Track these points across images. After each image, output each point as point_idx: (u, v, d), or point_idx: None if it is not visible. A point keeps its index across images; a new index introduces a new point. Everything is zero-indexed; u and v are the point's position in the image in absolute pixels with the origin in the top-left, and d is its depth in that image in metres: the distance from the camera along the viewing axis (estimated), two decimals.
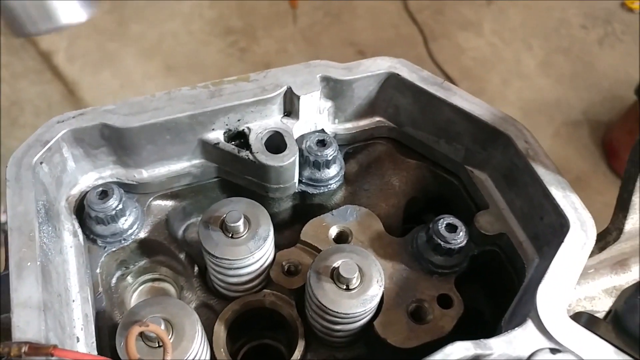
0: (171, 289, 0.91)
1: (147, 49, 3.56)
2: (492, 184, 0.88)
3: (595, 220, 0.76)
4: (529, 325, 0.66)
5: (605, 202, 0.98)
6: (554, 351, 0.59)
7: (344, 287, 0.76)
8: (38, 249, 0.69)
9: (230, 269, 0.80)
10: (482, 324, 0.91)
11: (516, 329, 0.66)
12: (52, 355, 0.60)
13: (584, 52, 3.34)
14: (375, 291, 0.76)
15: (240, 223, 0.79)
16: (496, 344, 0.65)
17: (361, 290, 0.76)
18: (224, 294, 0.87)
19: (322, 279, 0.77)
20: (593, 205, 0.78)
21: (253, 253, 0.79)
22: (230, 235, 0.79)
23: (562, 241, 0.73)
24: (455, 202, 0.94)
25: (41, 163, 0.77)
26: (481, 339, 0.65)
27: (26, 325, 0.63)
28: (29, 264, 0.68)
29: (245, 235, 0.80)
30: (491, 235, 0.85)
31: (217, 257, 0.79)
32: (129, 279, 0.89)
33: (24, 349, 0.60)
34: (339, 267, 0.76)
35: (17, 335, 0.63)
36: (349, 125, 0.94)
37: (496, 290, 0.89)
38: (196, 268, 0.88)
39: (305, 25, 3.73)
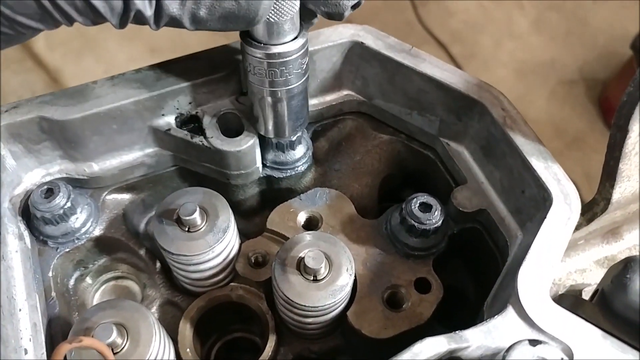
0: (135, 286, 0.86)
1: (128, 32, 3.44)
2: (470, 157, 0.82)
3: (593, 179, 0.69)
4: (510, 312, 0.61)
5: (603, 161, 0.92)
6: (533, 342, 0.53)
7: (312, 278, 0.71)
8: None
9: (189, 264, 0.75)
10: (467, 306, 0.85)
11: (495, 317, 0.61)
12: None
13: (578, 7, 3.22)
14: (345, 280, 0.71)
15: (196, 215, 0.73)
16: (473, 336, 0.59)
17: (330, 280, 0.71)
18: (190, 290, 0.81)
19: (287, 271, 0.71)
20: (590, 163, 0.72)
21: (212, 247, 0.73)
22: (186, 229, 0.74)
23: (545, 216, 0.67)
24: (432, 177, 0.87)
25: None
26: (456, 332, 0.59)
27: None
28: None
29: (202, 229, 0.74)
30: (470, 212, 0.79)
31: (174, 254, 0.73)
32: (88, 279, 0.84)
33: None
34: (304, 257, 0.70)
35: None
36: (314, 101, 0.87)
37: (480, 270, 0.83)
38: (158, 264, 0.83)
39: None
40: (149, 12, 0.60)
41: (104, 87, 0.76)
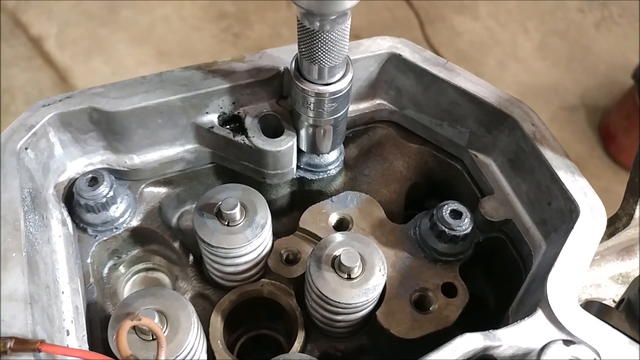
0: (165, 278, 0.88)
1: (138, 35, 3.50)
2: (497, 169, 0.85)
3: None
4: (539, 315, 0.64)
5: (602, 187, 0.96)
6: (567, 342, 0.56)
7: (345, 276, 0.73)
8: (24, 239, 0.66)
9: (226, 258, 0.77)
10: (487, 313, 0.88)
11: (526, 319, 0.64)
12: (39, 350, 0.57)
13: (581, 35, 3.30)
14: (378, 280, 0.74)
15: (237, 210, 0.75)
16: (505, 335, 0.62)
17: (363, 279, 0.73)
18: (220, 284, 0.84)
19: (322, 268, 0.74)
20: None
21: (250, 241, 0.76)
22: (226, 223, 0.76)
23: (572, 227, 0.70)
24: (458, 187, 0.91)
25: (26, 149, 0.74)
26: (490, 330, 0.62)
27: (12, 320, 0.60)
28: (14, 254, 0.64)
29: (241, 223, 0.77)
30: (496, 222, 0.82)
31: (212, 246, 0.76)
32: (122, 268, 0.86)
33: (10, 344, 0.57)
34: (340, 255, 0.73)
35: (3, 330, 0.59)
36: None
37: (501, 278, 0.86)
38: (191, 257, 0.85)
39: None
40: None
41: (152, 83, 0.79)
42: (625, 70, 2.91)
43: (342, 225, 0.85)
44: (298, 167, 0.88)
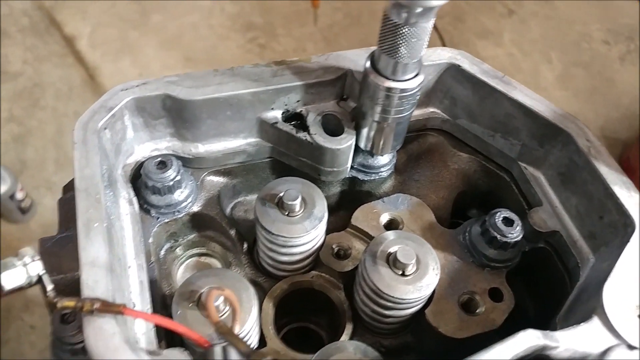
0: (217, 264, 0.91)
1: (167, 40, 3.57)
2: (546, 182, 0.88)
3: None
4: (596, 321, 0.66)
5: None
6: (630, 347, 0.58)
7: (400, 272, 0.76)
8: (104, 211, 0.69)
9: (284, 246, 0.80)
10: (526, 321, 0.90)
11: (582, 324, 0.66)
12: (122, 313, 0.60)
13: (605, 67, 3.35)
14: (431, 279, 0.76)
15: (298, 202, 0.79)
16: (563, 337, 0.64)
17: (417, 277, 0.76)
18: (272, 273, 0.86)
19: (377, 263, 0.76)
20: None
21: (308, 232, 0.79)
22: (286, 213, 0.79)
23: (627, 241, 0.73)
24: (505, 198, 0.94)
25: (105, 129, 0.77)
26: (548, 331, 0.65)
27: (94, 284, 0.63)
28: (96, 224, 0.68)
29: (300, 214, 0.80)
30: (544, 232, 0.85)
31: (273, 234, 0.78)
32: (178, 251, 0.89)
33: (96, 305, 0.60)
34: (396, 252, 0.76)
35: (86, 293, 0.62)
36: None
37: (544, 289, 0.88)
38: (245, 245, 0.88)
39: (325, 25, 3.74)
40: None
41: (225, 76, 0.82)
42: None
43: (392, 226, 0.88)
44: (352, 167, 0.91)
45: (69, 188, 0.92)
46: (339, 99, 0.88)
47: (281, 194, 0.79)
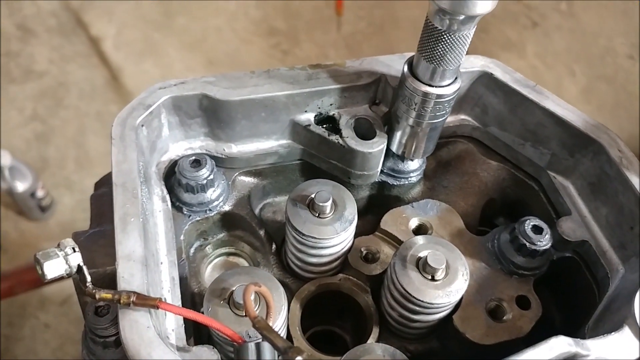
0: (245, 264, 0.92)
1: (190, 43, 3.61)
2: (575, 191, 0.88)
3: None
4: (626, 331, 0.66)
5: None
6: None
7: (430, 277, 0.76)
8: (140, 207, 0.71)
9: (314, 247, 0.81)
10: (552, 330, 0.90)
11: (613, 334, 0.66)
12: (157, 307, 0.61)
13: (629, 82, 3.32)
14: (461, 284, 0.76)
15: (329, 204, 0.79)
16: (594, 346, 0.64)
17: (447, 282, 0.76)
18: (299, 274, 0.87)
19: (407, 267, 0.77)
20: None
21: (338, 234, 0.80)
22: (317, 214, 0.80)
23: None
24: (532, 206, 0.94)
25: (142, 125, 0.79)
26: (578, 339, 0.64)
27: (130, 277, 0.64)
28: (132, 219, 0.69)
29: (331, 216, 0.80)
30: (572, 242, 0.84)
31: (303, 235, 0.79)
32: (207, 249, 0.90)
33: (133, 298, 0.61)
34: (426, 256, 0.76)
35: (122, 286, 0.64)
36: None
37: (571, 298, 0.88)
38: (274, 245, 0.89)
39: (348, 33, 3.76)
40: None
41: (261, 78, 0.84)
42: None
43: (421, 231, 0.88)
44: (381, 171, 0.92)
45: (101, 184, 0.94)
46: (371, 103, 0.89)
47: (312, 196, 0.80)
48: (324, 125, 0.88)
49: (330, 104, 0.87)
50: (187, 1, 3.69)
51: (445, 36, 0.70)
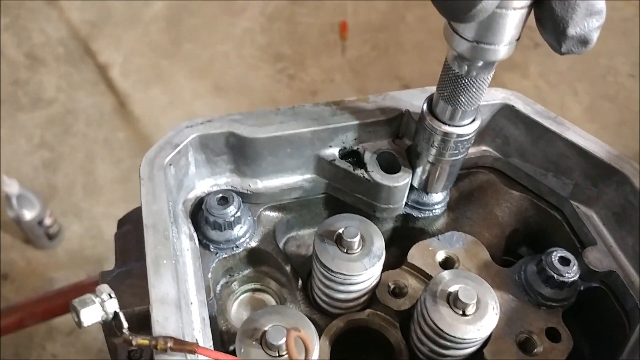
0: (271, 300, 0.92)
1: (198, 69, 3.65)
2: (599, 221, 0.88)
3: None
4: None
5: None
6: None
7: (460, 312, 0.76)
8: (172, 248, 0.71)
9: (342, 284, 0.81)
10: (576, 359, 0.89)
11: None
12: (195, 352, 0.61)
13: (631, 100, 3.34)
14: (492, 319, 0.76)
15: (357, 239, 0.80)
16: None
17: (477, 316, 0.76)
18: (326, 310, 0.87)
19: (438, 303, 0.77)
20: None
21: (367, 270, 0.80)
22: (345, 250, 0.80)
23: None
24: (556, 236, 0.94)
25: (170, 165, 0.80)
26: None
27: (165, 321, 0.64)
28: (164, 261, 0.69)
29: (359, 252, 0.81)
30: (599, 272, 0.84)
31: (332, 271, 0.79)
32: (234, 286, 0.90)
33: (170, 344, 0.61)
34: (457, 291, 0.76)
35: (157, 330, 0.64)
36: None
37: (600, 329, 0.88)
38: (300, 281, 0.89)
39: (353, 57, 3.80)
40: None
41: (286, 115, 0.85)
42: None
43: (447, 264, 0.88)
44: (406, 204, 0.92)
45: (125, 221, 0.94)
46: (394, 137, 0.90)
47: (340, 231, 0.80)
48: (349, 160, 0.89)
49: (355, 139, 0.88)
50: (195, 28, 3.74)
51: (464, 80, 0.71)
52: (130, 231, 0.93)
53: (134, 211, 0.95)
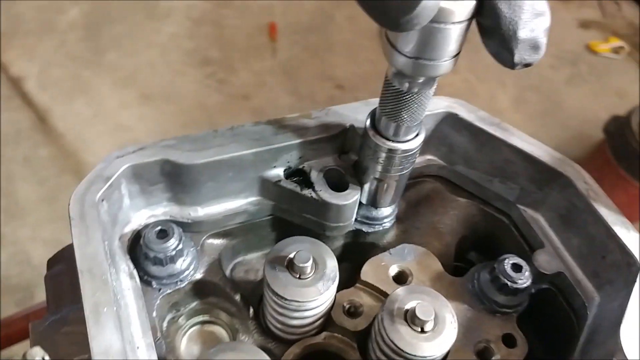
0: (222, 331, 0.87)
1: (122, 78, 3.50)
2: (546, 223, 0.89)
3: None
4: None
5: None
6: None
7: (419, 329, 0.75)
8: (112, 293, 0.65)
9: (297, 310, 0.77)
10: None
11: None
12: None
13: (553, 91, 3.50)
14: (451, 333, 0.75)
15: (309, 263, 0.76)
16: None
17: (436, 332, 0.75)
18: (281, 337, 0.83)
19: (396, 322, 0.75)
20: None
21: (322, 294, 0.77)
22: (297, 276, 0.77)
23: (633, 280, 0.74)
24: (504, 240, 0.94)
25: (102, 200, 0.73)
26: None
27: None
28: (105, 309, 0.63)
29: (312, 276, 0.77)
30: (549, 274, 0.85)
31: (286, 299, 0.76)
32: (181, 321, 0.85)
33: None
34: (414, 309, 0.74)
35: None
36: None
37: (551, 329, 0.89)
38: (251, 310, 0.85)
39: (284, 59, 3.76)
40: None
41: (225, 137, 0.80)
42: (595, 124, 3.10)
43: (401, 278, 0.87)
44: (355, 219, 0.90)
45: (55, 261, 0.87)
46: (339, 152, 0.87)
47: (291, 256, 0.77)
48: (294, 179, 0.85)
49: (299, 157, 0.84)
50: (117, 36, 3.58)
51: (406, 96, 0.70)
52: (63, 272, 0.85)
53: (66, 249, 0.87)
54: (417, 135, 0.78)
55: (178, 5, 3.79)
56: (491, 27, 0.58)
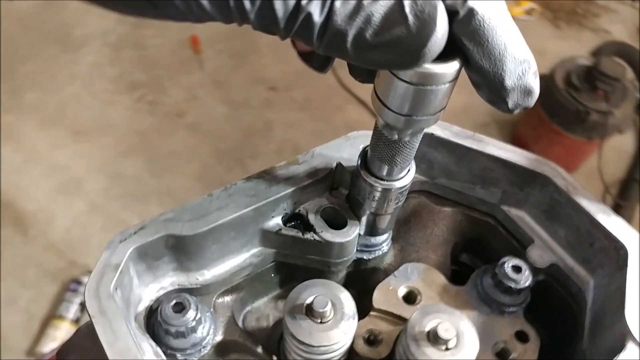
0: None
1: (48, 117, 3.34)
2: (532, 220, 0.95)
3: None
4: (631, 347, 0.73)
5: None
6: None
7: (444, 347, 0.78)
8: None
9: (324, 353, 0.79)
10: (553, 354, 0.96)
11: (621, 354, 0.73)
12: None
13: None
14: (473, 343, 0.79)
15: (329, 307, 0.78)
16: None
17: (460, 346, 0.79)
18: None
19: (421, 345, 0.78)
20: None
21: (346, 333, 0.79)
22: (319, 321, 0.79)
23: (624, 264, 0.81)
24: (494, 240, 0.99)
25: (116, 289, 0.72)
26: None
27: None
28: None
29: (333, 318, 0.79)
30: (544, 268, 0.91)
31: (312, 347, 0.77)
32: None
33: None
34: (435, 329, 0.78)
35: None
36: None
37: (552, 316, 0.95)
38: (274, 358, 0.86)
39: (212, 69, 3.70)
40: (317, 17, 0.50)
41: (221, 198, 0.80)
42: None
43: (411, 297, 0.90)
44: (356, 249, 0.92)
45: (67, 351, 0.84)
46: (330, 189, 0.89)
47: (308, 302, 0.78)
48: (292, 223, 0.86)
49: (295, 203, 0.85)
50: (33, 74, 3.40)
51: (398, 144, 0.72)
52: None
53: (75, 336, 0.85)
54: (408, 171, 0.80)
55: (92, 32, 3.64)
56: (479, 81, 0.60)
